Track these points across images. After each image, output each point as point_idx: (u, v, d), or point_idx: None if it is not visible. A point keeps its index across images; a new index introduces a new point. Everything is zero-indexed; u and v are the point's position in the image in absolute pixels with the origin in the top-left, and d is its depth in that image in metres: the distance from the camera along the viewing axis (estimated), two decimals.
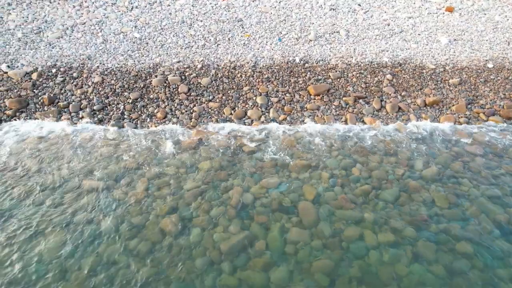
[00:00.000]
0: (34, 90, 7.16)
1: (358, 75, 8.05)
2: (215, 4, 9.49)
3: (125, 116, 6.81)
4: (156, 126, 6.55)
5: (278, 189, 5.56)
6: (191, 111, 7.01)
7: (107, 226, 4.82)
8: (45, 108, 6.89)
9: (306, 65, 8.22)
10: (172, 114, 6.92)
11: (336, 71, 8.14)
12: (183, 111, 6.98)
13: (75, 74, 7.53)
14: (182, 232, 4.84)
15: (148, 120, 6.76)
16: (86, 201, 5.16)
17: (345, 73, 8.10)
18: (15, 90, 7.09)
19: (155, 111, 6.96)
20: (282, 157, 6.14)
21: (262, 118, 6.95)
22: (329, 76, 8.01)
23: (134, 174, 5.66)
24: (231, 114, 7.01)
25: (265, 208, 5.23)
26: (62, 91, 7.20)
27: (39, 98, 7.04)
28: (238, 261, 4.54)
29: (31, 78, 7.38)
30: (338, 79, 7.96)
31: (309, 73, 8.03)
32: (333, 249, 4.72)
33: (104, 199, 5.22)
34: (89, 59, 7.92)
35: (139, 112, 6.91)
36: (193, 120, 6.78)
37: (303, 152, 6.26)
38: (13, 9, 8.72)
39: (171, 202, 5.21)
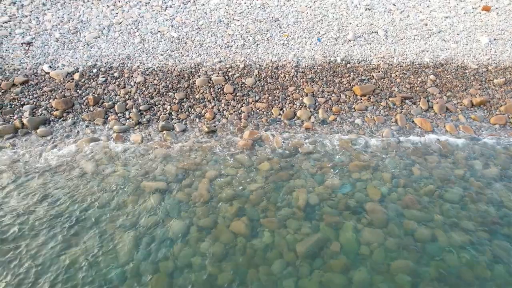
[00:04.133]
0: (78, 91, 7.15)
1: (401, 75, 8.11)
2: (250, 4, 9.54)
3: (173, 117, 6.81)
4: (207, 127, 6.55)
5: (342, 190, 5.59)
6: (239, 111, 7.03)
7: (176, 229, 4.79)
8: (91, 108, 6.88)
9: (348, 65, 8.28)
10: (220, 114, 6.93)
11: (379, 71, 8.20)
12: (231, 111, 6.99)
13: (116, 74, 7.53)
14: (253, 234, 4.83)
15: (198, 120, 6.77)
16: (150, 203, 5.14)
17: (388, 74, 8.15)
18: (59, 91, 7.08)
19: (203, 111, 6.97)
20: (340, 157, 6.16)
21: (312, 119, 6.98)
22: (372, 76, 8.07)
23: (193, 175, 5.66)
24: (280, 114, 7.04)
25: (332, 209, 5.24)
26: (105, 91, 7.20)
27: (84, 99, 7.03)
28: (316, 263, 4.53)
29: (73, 79, 7.37)
30: (382, 80, 8.02)
31: (352, 73, 8.08)
32: (408, 250, 4.72)
33: (168, 201, 5.21)
34: (128, 58, 7.93)
35: (186, 113, 6.92)
36: (243, 120, 6.80)
37: (360, 153, 6.29)
38: (48, 9, 8.72)
39: (237, 204, 5.20)
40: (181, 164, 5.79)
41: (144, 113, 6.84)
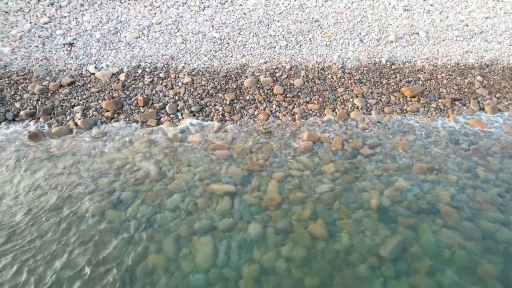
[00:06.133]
0: (125, 91, 7.13)
1: (447, 76, 8.17)
2: (288, 4, 9.59)
3: (227, 118, 6.80)
4: (264, 129, 6.54)
5: (412, 192, 5.58)
6: (292, 112, 7.03)
7: (254, 232, 4.76)
8: (141, 109, 6.85)
9: (393, 66, 8.33)
10: (273, 115, 6.93)
11: (424, 72, 8.26)
12: (284, 112, 6.99)
13: (162, 75, 7.52)
14: (332, 237, 4.80)
15: (252, 122, 6.76)
16: (222, 206, 5.10)
17: (434, 75, 8.21)
18: (107, 92, 7.05)
19: (255, 112, 6.96)
20: (402, 159, 6.17)
21: (366, 120, 6.99)
22: (419, 77, 8.12)
23: (259, 176, 5.63)
24: (333, 116, 7.05)
25: (405, 211, 5.23)
26: (153, 92, 7.18)
27: (132, 99, 7.00)
28: (400, 266, 4.51)
29: (119, 79, 7.35)
30: (429, 81, 8.07)
31: (398, 74, 8.13)
32: (492, 253, 4.72)
33: (239, 204, 5.17)
34: (172, 59, 7.93)
35: (239, 114, 6.90)
36: (297, 122, 6.80)
37: (421, 154, 6.30)
38: (86, 10, 8.71)
39: (310, 206, 5.18)
40: (245, 166, 5.77)
41: (196, 114, 6.82)
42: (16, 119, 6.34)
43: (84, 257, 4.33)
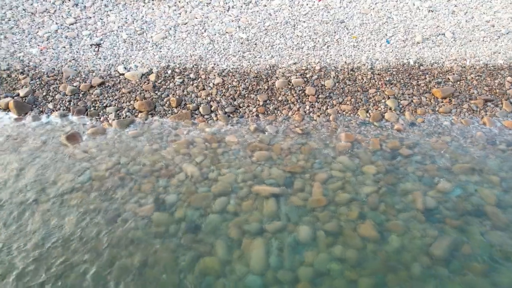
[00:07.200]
0: (156, 92, 7.18)
1: (477, 78, 8.27)
2: (312, 5, 9.69)
3: (261, 119, 6.86)
4: (301, 130, 6.60)
5: (455, 193, 5.65)
6: (326, 113, 7.10)
7: (304, 234, 4.80)
8: (174, 110, 6.90)
9: (421, 67, 8.42)
10: (308, 116, 7.00)
11: (453, 73, 8.35)
12: (318, 114, 7.06)
13: (192, 75, 7.58)
14: (382, 238, 4.85)
15: (287, 122, 6.82)
16: (268, 208, 5.14)
17: (463, 76, 8.31)
18: (137, 92, 7.10)
19: (289, 113, 7.03)
20: (441, 159, 6.24)
21: (401, 121, 7.07)
22: (448, 79, 8.21)
23: (302, 178, 5.68)
24: (367, 117, 7.12)
25: (451, 212, 5.29)
26: (185, 93, 7.23)
27: (164, 100, 7.05)
28: (453, 266, 4.56)
29: (149, 80, 7.40)
30: (458, 82, 8.16)
31: (427, 76, 8.22)
32: None
33: (285, 206, 5.22)
34: (201, 59, 7.99)
35: (273, 115, 6.96)
36: (332, 123, 6.86)
37: (460, 155, 6.38)
38: (110, 10, 8.78)
39: (356, 207, 5.23)
40: (287, 167, 5.82)
41: (231, 115, 6.88)
42: (50, 120, 6.38)
43: (134, 260, 4.36)
